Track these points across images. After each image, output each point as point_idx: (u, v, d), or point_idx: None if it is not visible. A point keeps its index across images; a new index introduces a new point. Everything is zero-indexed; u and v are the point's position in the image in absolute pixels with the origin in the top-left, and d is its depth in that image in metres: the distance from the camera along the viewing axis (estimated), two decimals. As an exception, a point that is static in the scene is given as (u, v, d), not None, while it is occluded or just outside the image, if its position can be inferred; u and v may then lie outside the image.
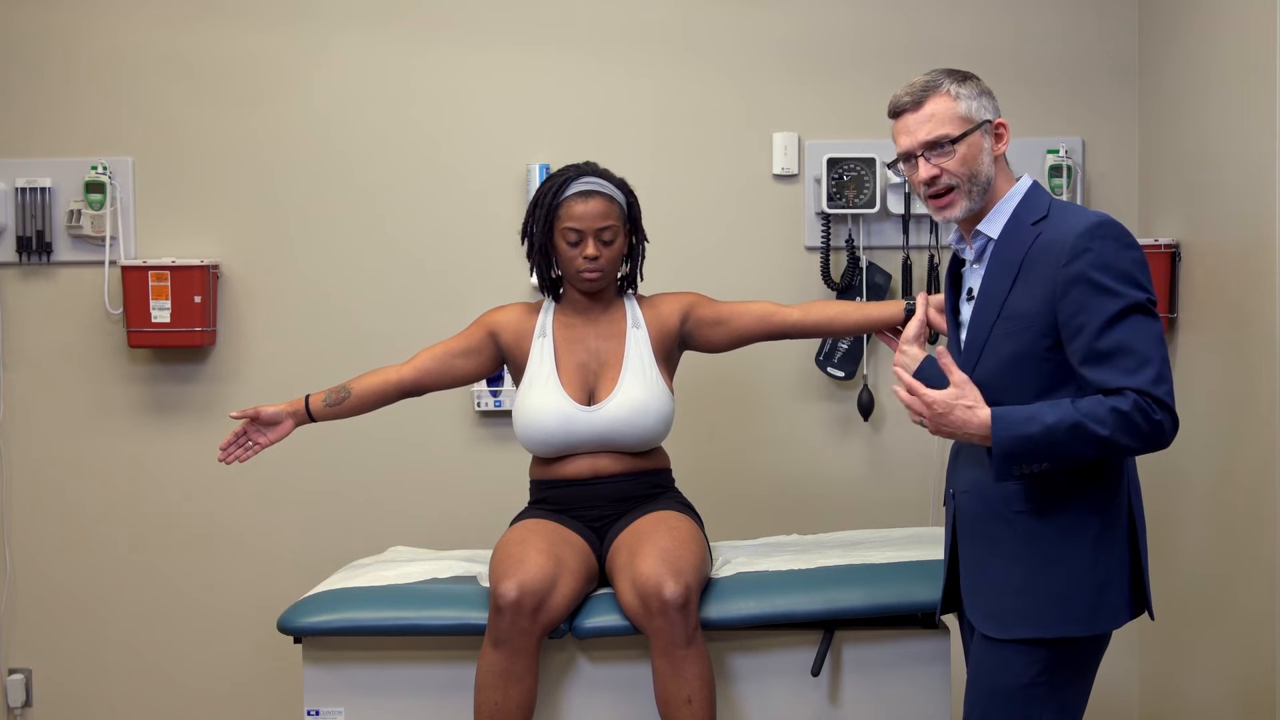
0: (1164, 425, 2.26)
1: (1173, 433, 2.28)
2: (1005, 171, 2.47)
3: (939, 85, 2.44)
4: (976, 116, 2.43)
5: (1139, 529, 2.40)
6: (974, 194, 2.42)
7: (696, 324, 3.12)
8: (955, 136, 2.41)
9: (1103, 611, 2.36)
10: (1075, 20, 3.93)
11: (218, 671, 4.05)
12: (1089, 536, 2.34)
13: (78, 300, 4.02)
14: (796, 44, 3.96)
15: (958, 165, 2.41)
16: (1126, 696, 3.92)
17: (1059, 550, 2.35)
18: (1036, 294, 2.33)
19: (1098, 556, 2.35)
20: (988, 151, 2.43)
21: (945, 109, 2.42)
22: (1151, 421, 2.24)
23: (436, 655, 2.91)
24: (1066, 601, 2.34)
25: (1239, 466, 3.23)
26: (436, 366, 3.13)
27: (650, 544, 2.84)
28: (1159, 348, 2.27)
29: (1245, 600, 3.18)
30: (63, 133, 4.01)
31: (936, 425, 2.36)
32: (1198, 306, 3.52)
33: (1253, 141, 3.13)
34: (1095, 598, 2.35)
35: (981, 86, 2.46)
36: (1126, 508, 2.38)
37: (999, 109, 2.47)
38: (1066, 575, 2.34)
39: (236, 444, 3.07)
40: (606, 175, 3.10)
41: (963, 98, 2.43)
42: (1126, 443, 2.26)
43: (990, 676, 2.41)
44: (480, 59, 3.98)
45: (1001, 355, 2.38)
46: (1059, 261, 2.30)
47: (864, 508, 3.87)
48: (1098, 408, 2.25)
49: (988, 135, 2.44)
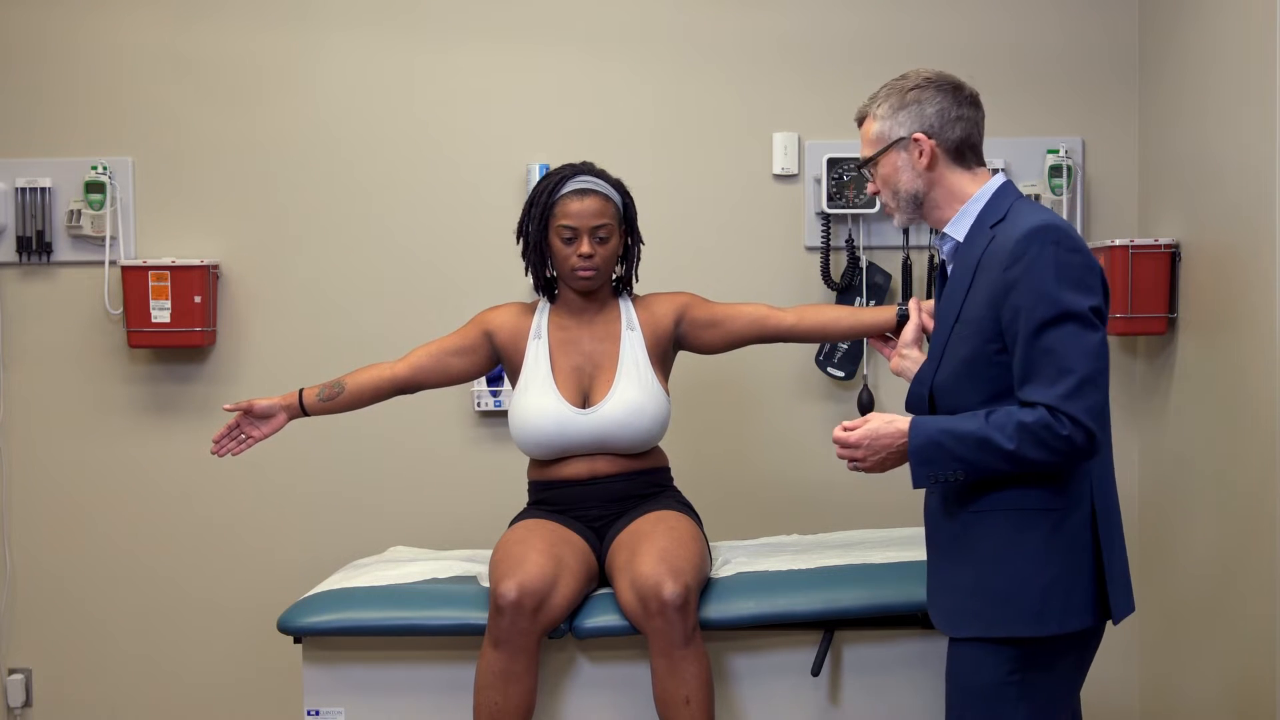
0: (1073, 440, 2.24)
1: (1088, 447, 2.25)
2: (963, 175, 2.45)
3: (869, 107, 2.49)
4: (890, 135, 2.45)
5: (1105, 531, 2.35)
6: (903, 207, 2.47)
7: (690, 325, 3.13)
8: (869, 158, 2.49)
9: (1051, 613, 2.32)
10: (1075, 20, 3.93)
11: (218, 671, 4.05)
12: (1038, 537, 2.33)
13: (78, 300, 4.02)
14: (796, 44, 3.96)
15: (881, 183, 2.49)
16: (1126, 696, 3.92)
17: (1006, 550, 2.35)
18: (983, 298, 2.34)
19: (1049, 557, 2.32)
20: (906, 168, 2.44)
21: (867, 130, 2.50)
22: (1058, 437, 2.24)
23: (436, 655, 2.91)
24: (1010, 601, 2.34)
25: (1239, 466, 3.23)
26: (431, 364, 3.13)
27: (649, 544, 2.84)
28: (1087, 359, 2.24)
29: (1245, 600, 3.18)
30: (63, 133, 4.01)
31: (868, 453, 2.39)
32: (1198, 306, 3.52)
33: (1253, 141, 3.13)
34: (1043, 598, 2.32)
35: (905, 100, 2.44)
36: (1088, 509, 2.34)
37: (931, 119, 2.43)
38: (1012, 575, 2.34)
39: (229, 436, 3.07)
40: (603, 175, 3.10)
41: (879, 118, 2.46)
42: (1036, 456, 2.26)
43: (961, 676, 2.41)
44: (480, 59, 3.98)
45: (957, 359, 2.39)
46: (1002, 265, 2.31)
47: (864, 508, 3.87)
48: (1006, 421, 2.26)
49: (904, 151, 2.44)
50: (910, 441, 2.34)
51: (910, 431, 2.34)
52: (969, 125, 2.45)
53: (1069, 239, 2.28)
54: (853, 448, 2.40)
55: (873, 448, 2.39)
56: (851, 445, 2.40)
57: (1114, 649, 3.83)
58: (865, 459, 2.40)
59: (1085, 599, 2.34)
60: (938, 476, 2.32)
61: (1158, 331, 3.67)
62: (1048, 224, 2.29)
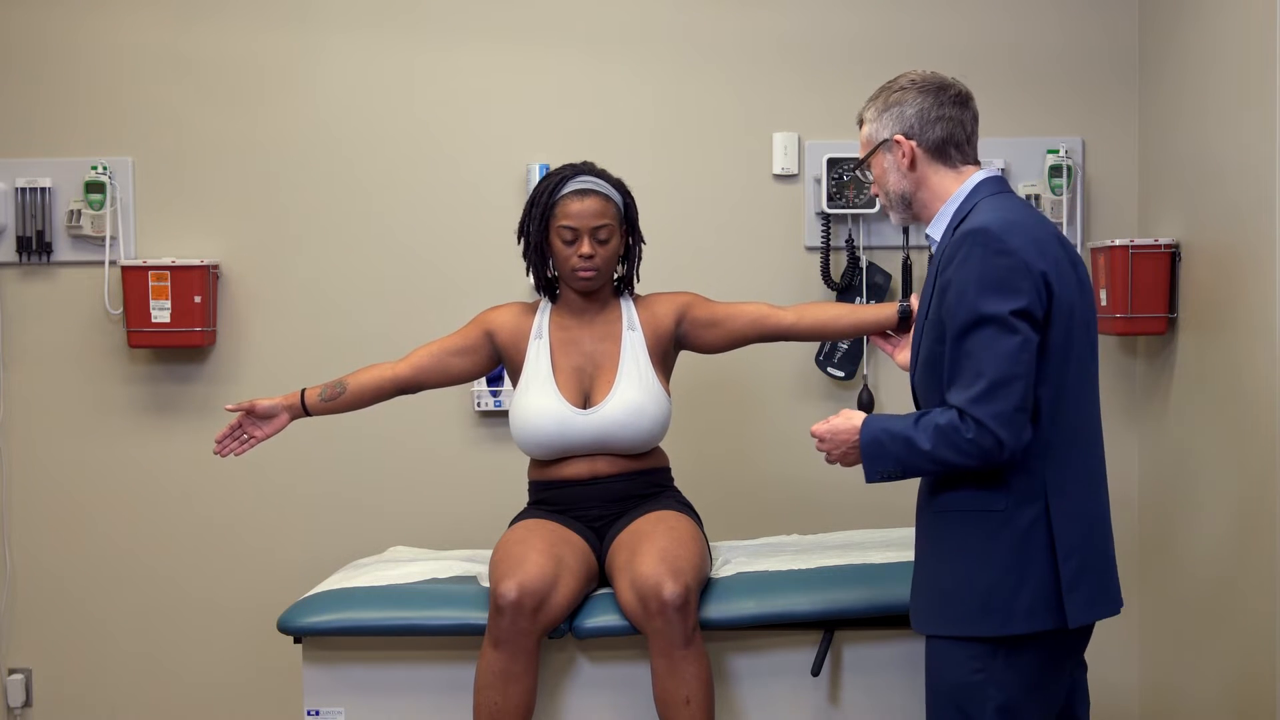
0: (980, 444, 2.25)
1: (995, 450, 2.25)
2: (946, 174, 2.46)
3: (863, 110, 2.54)
4: (876, 137, 2.50)
5: (1064, 532, 2.33)
6: (896, 206, 2.52)
7: (691, 325, 3.12)
8: (860, 160, 2.55)
9: (994, 613, 2.32)
10: (1075, 20, 3.93)
11: (218, 671, 4.04)
12: (981, 537, 2.34)
13: (78, 300, 4.02)
14: (796, 44, 3.96)
15: (875, 184, 2.54)
16: (1126, 696, 3.92)
17: (954, 551, 2.37)
18: (935, 299, 2.38)
19: (992, 558, 2.33)
20: (893, 169, 2.49)
21: (861, 133, 2.55)
22: (966, 440, 2.26)
23: (436, 655, 2.91)
24: (957, 601, 2.36)
25: (1239, 466, 3.23)
26: (432, 364, 3.13)
27: (649, 544, 2.84)
28: (999, 363, 2.25)
29: (1246, 600, 3.18)
30: (63, 133, 4.01)
31: (832, 447, 2.46)
32: (1198, 306, 3.52)
33: (1253, 141, 3.13)
34: (985, 599, 2.33)
35: (889, 102, 2.47)
36: (1039, 509, 2.33)
37: (910, 120, 2.45)
38: (958, 575, 2.36)
39: (232, 436, 3.07)
40: (604, 175, 3.10)
41: (868, 121, 2.52)
42: (951, 458, 2.29)
43: (931, 673, 2.44)
44: (480, 59, 3.98)
45: (922, 357, 2.44)
46: (941, 267, 2.36)
47: (864, 508, 3.86)
48: (928, 423, 2.30)
49: (889, 152, 2.48)
50: (860, 439, 2.40)
51: (861, 429, 2.40)
52: (951, 125, 2.46)
53: (998, 241, 2.28)
54: (822, 441, 2.47)
55: (834, 442, 2.45)
56: (820, 438, 2.48)
57: (1114, 649, 3.83)
58: (831, 453, 2.47)
59: (1035, 601, 2.32)
60: (881, 472, 2.39)
61: (1158, 331, 3.67)
62: (982, 226, 2.30)
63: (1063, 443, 2.34)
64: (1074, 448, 2.36)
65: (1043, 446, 2.32)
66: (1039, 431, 2.32)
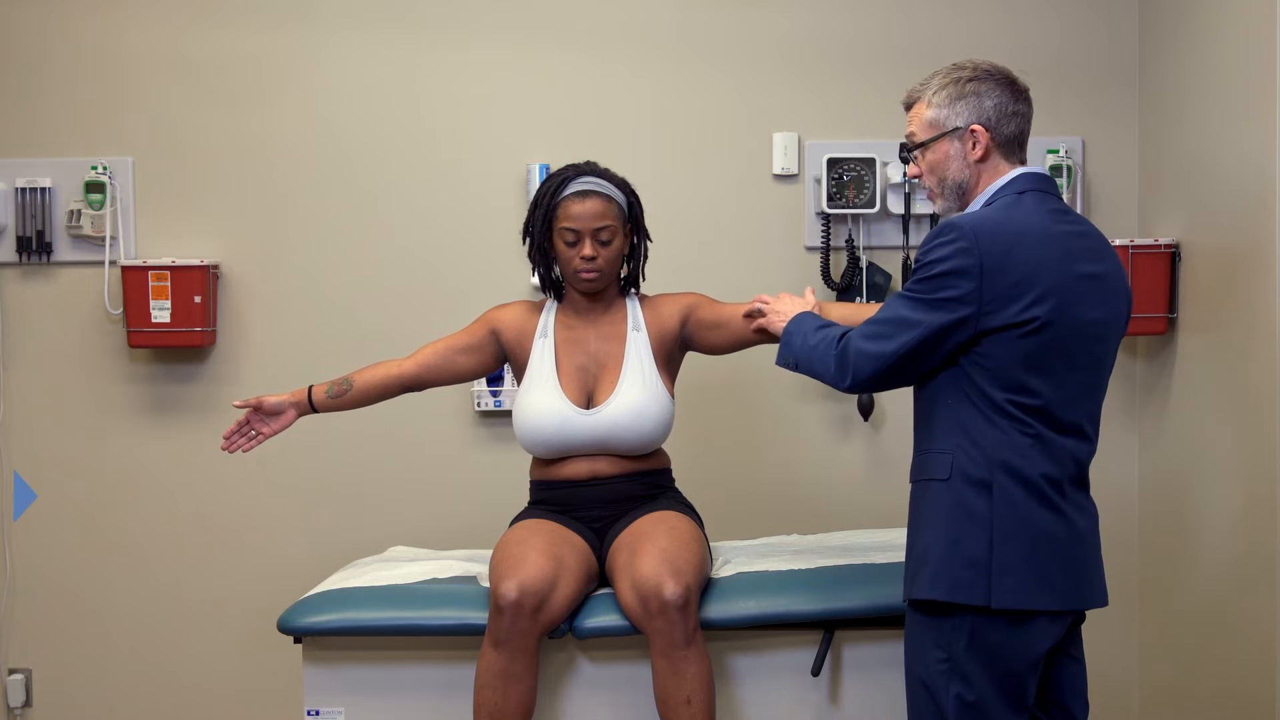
0: (829, 364, 2.48)
1: (837, 379, 2.47)
2: (1004, 168, 2.49)
3: (922, 91, 2.53)
4: (946, 124, 2.49)
5: (1007, 513, 2.35)
6: (946, 194, 2.53)
7: (696, 326, 3.12)
8: (920, 143, 2.52)
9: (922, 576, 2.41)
10: (1075, 20, 3.93)
11: (218, 671, 4.04)
12: (926, 503, 2.45)
13: (78, 300, 4.02)
14: (796, 44, 3.96)
15: (925, 168, 2.54)
16: (1126, 697, 3.92)
17: (913, 517, 2.50)
18: None
19: (930, 521, 2.42)
20: (957, 157, 2.49)
21: (919, 114, 2.53)
22: (831, 355, 2.48)
23: (436, 655, 2.91)
24: (908, 562, 2.49)
25: (1239, 467, 3.23)
26: (438, 362, 3.13)
27: (650, 544, 2.84)
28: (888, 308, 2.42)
29: (1246, 600, 3.18)
30: (63, 133, 4.01)
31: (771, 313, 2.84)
32: (1198, 306, 3.52)
33: (1253, 141, 3.13)
34: (919, 560, 2.43)
35: (964, 90, 2.47)
36: (984, 485, 2.36)
37: (989, 112, 2.47)
38: (912, 539, 2.49)
39: (240, 433, 3.07)
40: (606, 175, 3.09)
41: (934, 105, 2.50)
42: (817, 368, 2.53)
43: (905, 641, 2.51)
44: (480, 59, 3.98)
45: None
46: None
47: (864, 508, 3.87)
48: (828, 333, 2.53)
49: (958, 141, 2.48)
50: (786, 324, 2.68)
51: (791, 318, 2.69)
52: (1022, 121, 2.50)
53: (949, 231, 2.36)
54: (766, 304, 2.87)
55: (776, 308, 2.84)
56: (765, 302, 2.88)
57: (1114, 649, 3.84)
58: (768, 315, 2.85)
59: (967, 574, 2.36)
60: (784, 359, 2.63)
61: (1158, 331, 3.67)
62: (948, 220, 2.40)
63: (1036, 438, 2.37)
64: (1050, 446, 2.38)
65: (1003, 434, 2.36)
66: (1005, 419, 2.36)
